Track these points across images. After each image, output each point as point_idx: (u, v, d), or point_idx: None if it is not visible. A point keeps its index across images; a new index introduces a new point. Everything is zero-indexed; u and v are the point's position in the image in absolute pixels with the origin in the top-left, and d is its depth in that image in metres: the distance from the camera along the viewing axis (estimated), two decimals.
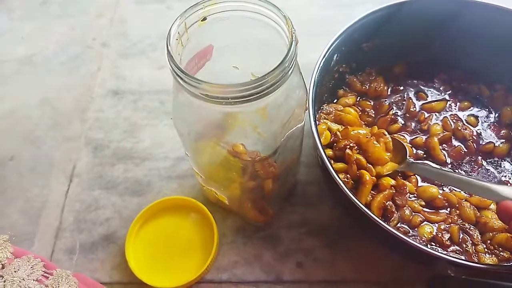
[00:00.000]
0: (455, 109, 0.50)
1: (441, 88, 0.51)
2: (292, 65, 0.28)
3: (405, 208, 0.41)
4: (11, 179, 0.51)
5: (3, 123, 0.55)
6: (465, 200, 0.42)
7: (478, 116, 0.49)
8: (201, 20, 0.31)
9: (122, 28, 0.63)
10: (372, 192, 0.42)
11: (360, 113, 0.48)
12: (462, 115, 0.49)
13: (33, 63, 0.61)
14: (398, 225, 0.42)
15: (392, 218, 0.41)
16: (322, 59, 0.43)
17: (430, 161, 0.45)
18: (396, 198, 0.41)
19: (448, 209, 0.42)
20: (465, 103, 0.50)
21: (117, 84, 0.57)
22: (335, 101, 0.50)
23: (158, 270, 0.43)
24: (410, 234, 0.41)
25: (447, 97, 0.50)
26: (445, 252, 0.40)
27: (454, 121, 0.48)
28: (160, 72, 0.58)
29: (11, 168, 0.52)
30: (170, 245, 0.44)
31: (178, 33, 0.29)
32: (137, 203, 0.48)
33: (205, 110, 0.30)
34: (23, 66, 0.61)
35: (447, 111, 0.49)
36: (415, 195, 0.43)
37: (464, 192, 0.43)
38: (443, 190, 0.43)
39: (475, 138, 0.47)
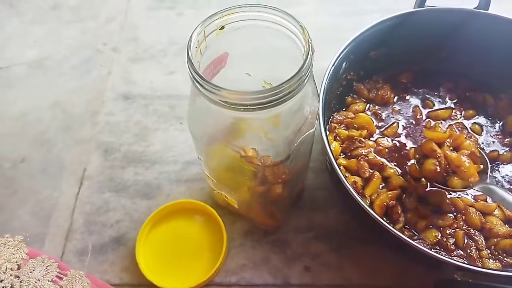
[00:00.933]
0: (461, 117, 0.50)
1: (446, 97, 0.52)
2: (308, 74, 0.29)
3: (412, 211, 0.42)
4: (22, 181, 0.51)
5: (15, 125, 0.56)
6: (471, 206, 0.43)
7: (483, 125, 0.50)
8: (219, 29, 0.32)
9: (132, 33, 0.64)
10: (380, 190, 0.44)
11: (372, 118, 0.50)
12: (467, 123, 0.50)
13: (44, 67, 0.62)
14: (404, 228, 0.43)
15: (399, 220, 0.42)
16: (332, 67, 0.44)
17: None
18: (405, 200, 0.42)
19: (454, 214, 0.43)
20: (470, 112, 0.51)
21: (127, 88, 0.58)
22: (343, 109, 0.51)
23: (168, 272, 0.43)
24: (415, 238, 0.42)
25: (452, 105, 0.51)
26: (449, 256, 0.41)
27: (459, 129, 0.49)
28: (171, 77, 0.59)
29: (22, 170, 0.52)
30: (180, 248, 0.45)
31: (198, 41, 0.30)
32: (147, 206, 0.48)
33: (221, 115, 0.31)
34: (34, 70, 0.62)
35: (452, 119, 0.50)
36: (424, 198, 0.44)
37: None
38: (451, 194, 0.44)
39: (480, 146, 0.48)
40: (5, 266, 0.31)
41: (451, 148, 0.42)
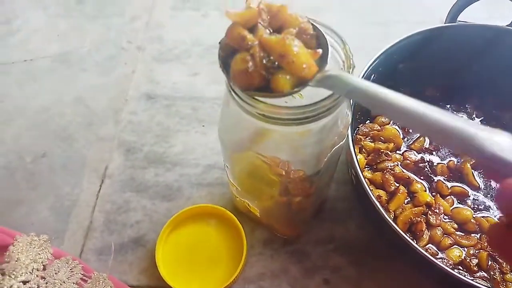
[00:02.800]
0: None
1: (473, 114, 0.51)
2: None
3: (437, 229, 0.42)
4: (43, 176, 0.52)
5: (37, 119, 0.56)
6: None
7: None
8: None
9: (157, 32, 0.64)
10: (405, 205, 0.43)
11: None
12: None
13: (67, 61, 0.62)
14: (427, 246, 0.42)
15: (422, 237, 0.42)
16: (361, 78, 0.44)
17: (464, 185, 0.46)
18: (430, 216, 0.42)
19: (479, 234, 0.43)
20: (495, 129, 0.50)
21: (151, 88, 0.58)
22: (368, 121, 0.50)
23: (186, 277, 0.43)
24: (438, 256, 0.42)
25: (478, 122, 0.51)
26: (472, 278, 0.40)
27: None
28: (194, 79, 0.59)
29: (43, 165, 0.52)
30: (199, 253, 0.45)
31: None
32: (167, 208, 0.48)
33: (254, 125, 0.31)
34: (57, 64, 0.62)
35: None
36: (449, 216, 0.43)
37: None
38: (477, 215, 0.43)
39: None
40: (31, 266, 0.31)
41: (270, 30, 0.27)
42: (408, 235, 0.42)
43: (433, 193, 0.45)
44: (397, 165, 0.46)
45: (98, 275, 0.35)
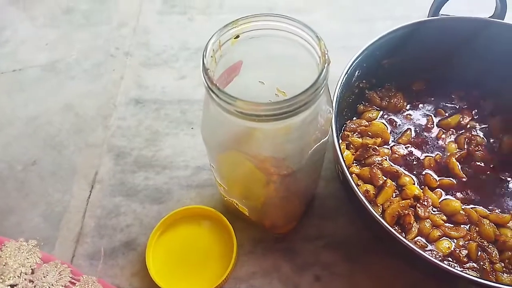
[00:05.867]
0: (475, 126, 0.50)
1: (458, 106, 0.51)
2: (324, 84, 0.29)
3: (426, 221, 0.42)
4: (33, 184, 0.52)
5: (26, 128, 0.57)
6: (485, 217, 0.43)
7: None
8: (234, 38, 0.32)
9: (144, 38, 0.64)
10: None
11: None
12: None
13: (56, 70, 0.62)
14: (416, 238, 0.42)
15: (411, 230, 0.42)
16: (345, 75, 0.44)
17: (450, 178, 0.46)
18: (418, 209, 0.42)
19: (468, 225, 0.43)
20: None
21: (139, 93, 0.58)
22: (355, 117, 0.50)
23: (177, 278, 0.43)
24: (427, 249, 0.42)
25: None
26: (461, 269, 0.40)
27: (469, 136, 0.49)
28: (182, 82, 0.59)
29: (33, 173, 0.53)
30: (189, 254, 0.45)
31: (213, 50, 0.30)
32: (157, 211, 0.48)
33: (235, 123, 0.31)
34: (46, 73, 0.62)
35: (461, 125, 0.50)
36: (438, 208, 0.44)
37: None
38: (465, 206, 0.44)
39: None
40: (19, 271, 0.32)
41: None
42: (396, 228, 0.42)
43: (422, 186, 0.45)
44: (386, 159, 0.46)
45: (87, 278, 0.35)
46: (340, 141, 0.46)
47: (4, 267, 0.32)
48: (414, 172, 0.46)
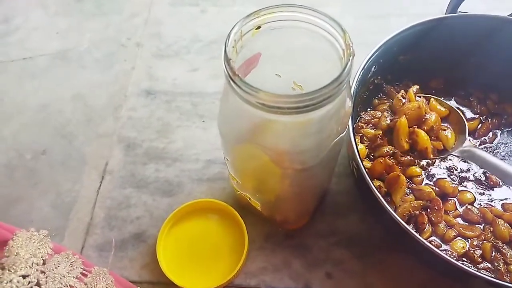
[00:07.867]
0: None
1: (477, 107, 0.51)
2: (348, 78, 0.28)
3: (439, 220, 0.42)
4: (43, 173, 0.51)
5: (36, 116, 0.56)
6: (499, 217, 0.42)
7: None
8: (256, 29, 0.31)
9: (156, 29, 0.64)
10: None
11: None
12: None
13: (67, 59, 0.62)
14: (431, 238, 0.42)
15: (425, 230, 0.41)
16: (361, 70, 0.44)
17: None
18: (431, 215, 0.41)
19: (483, 225, 0.42)
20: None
21: (150, 84, 0.58)
22: (368, 110, 0.50)
23: (188, 272, 0.43)
24: (442, 248, 0.41)
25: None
26: (476, 269, 0.40)
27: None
28: (193, 75, 0.58)
29: (44, 162, 0.52)
30: (200, 248, 0.44)
31: (235, 40, 0.30)
32: (168, 204, 0.48)
33: (254, 115, 0.30)
34: (57, 61, 0.62)
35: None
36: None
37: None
38: (480, 205, 0.43)
39: None
40: (31, 261, 0.31)
41: None
42: (411, 226, 0.42)
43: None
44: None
45: (99, 269, 0.35)
46: (357, 133, 0.46)
47: (16, 257, 0.31)
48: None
